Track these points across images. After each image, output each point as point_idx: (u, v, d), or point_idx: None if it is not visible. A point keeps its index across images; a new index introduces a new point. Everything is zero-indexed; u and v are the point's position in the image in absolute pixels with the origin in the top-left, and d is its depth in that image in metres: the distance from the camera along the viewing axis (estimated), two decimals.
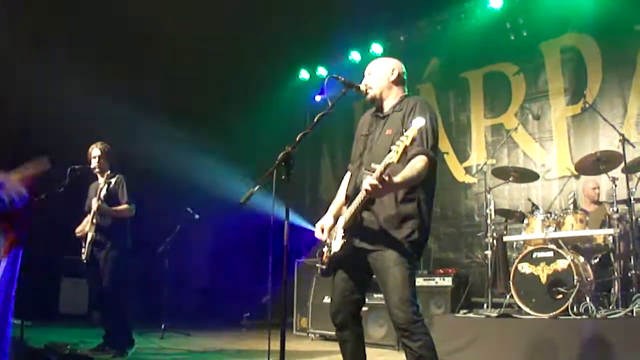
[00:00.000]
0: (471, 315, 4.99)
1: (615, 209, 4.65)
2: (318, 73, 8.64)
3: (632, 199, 4.60)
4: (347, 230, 2.59)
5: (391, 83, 2.76)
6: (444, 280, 5.61)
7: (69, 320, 6.96)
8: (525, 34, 6.66)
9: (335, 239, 2.64)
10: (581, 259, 4.57)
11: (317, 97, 8.52)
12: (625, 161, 4.63)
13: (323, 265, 2.72)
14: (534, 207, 5.24)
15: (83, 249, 4.65)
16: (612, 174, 4.79)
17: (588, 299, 4.26)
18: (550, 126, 6.48)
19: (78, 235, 4.76)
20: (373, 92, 2.75)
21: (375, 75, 2.78)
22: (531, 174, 5.56)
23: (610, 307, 4.41)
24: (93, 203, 4.63)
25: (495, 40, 6.89)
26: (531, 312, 4.42)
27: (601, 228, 4.90)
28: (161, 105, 7.41)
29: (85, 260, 4.64)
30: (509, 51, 6.84)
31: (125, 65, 7.19)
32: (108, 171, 4.77)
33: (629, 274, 4.45)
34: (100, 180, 4.76)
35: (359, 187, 2.49)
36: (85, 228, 4.69)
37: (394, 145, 2.24)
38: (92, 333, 5.18)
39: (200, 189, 7.79)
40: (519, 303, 4.53)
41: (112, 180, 4.74)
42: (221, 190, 7.40)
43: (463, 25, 7.13)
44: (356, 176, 2.69)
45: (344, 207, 2.73)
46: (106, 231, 4.66)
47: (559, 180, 6.31)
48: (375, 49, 7.79)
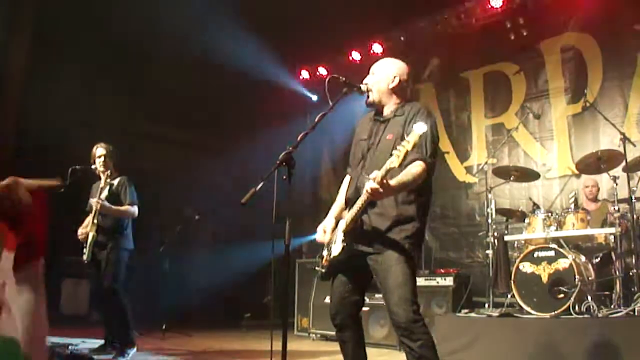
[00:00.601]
0: (472, 314, 4.98)
1: (616, 208, 4.65)
2: (318, 73, 8.63)
3: (633, 197, 4.59)
4: (347, 234, 2.59)
5: (390, 90, 2.73)
6: (445, 280, 5.60)
7: (70, 320, 6.94)
8: (525, 34, 6.65)
9: (335, 243, 2.64)
10: (582, 258, 4.57)
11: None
12: (626, 160, 4.62)
13: (323, 269, 2.72)
14: (535, 207, 5.24)
15: (84, 250, 4.63)
16: (613, 173, 4.79)
17: (589, 298, 4.26)
18: (550, 125, 6.48)
19: (81, 239, 4.73)
20: (372, 97, 2.74)
21: (377, 77, 2.75)
22: (532, 174, 5.55)
23: (612, 306, 4.41)
24: (93, 203, 4.62)
25: (496, 39, 6.88)
26: (533, 312, 4.41)
27: (602, 227, 4.90)
28: (161, 106, 7.40)
29: (86, 261, 4.62)
30: (509, 50, 6.84)
31: (125, 65, 7.18)
32: (108, 171, 4.75)
33: (631, 273, 4.46)
34: (102, 180, 4.74)
35: (360, 191, 2.49)
36: (86, 229, 4.68)
37: (395, 150, 2.24)
38: (93, 333, 5.18)
39: (200, 189, 7.78)
40: (520, 302, 4.53)
41: (115, 182, 4.73)
42: (221, 190, 7.38)
43: (463, 25, 7.13)
44: (356, 180, 2.68)
45: (344, 212, 2.73)
46: (107, 231, 4.65)
47: (559, 179, 6.32)
48: (375, 49, 7.78)
